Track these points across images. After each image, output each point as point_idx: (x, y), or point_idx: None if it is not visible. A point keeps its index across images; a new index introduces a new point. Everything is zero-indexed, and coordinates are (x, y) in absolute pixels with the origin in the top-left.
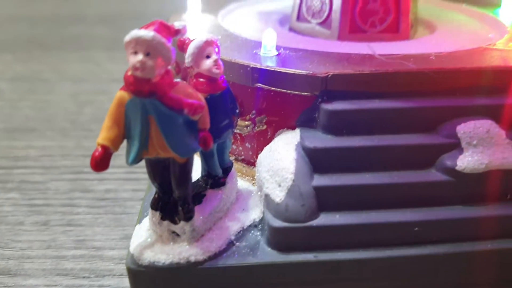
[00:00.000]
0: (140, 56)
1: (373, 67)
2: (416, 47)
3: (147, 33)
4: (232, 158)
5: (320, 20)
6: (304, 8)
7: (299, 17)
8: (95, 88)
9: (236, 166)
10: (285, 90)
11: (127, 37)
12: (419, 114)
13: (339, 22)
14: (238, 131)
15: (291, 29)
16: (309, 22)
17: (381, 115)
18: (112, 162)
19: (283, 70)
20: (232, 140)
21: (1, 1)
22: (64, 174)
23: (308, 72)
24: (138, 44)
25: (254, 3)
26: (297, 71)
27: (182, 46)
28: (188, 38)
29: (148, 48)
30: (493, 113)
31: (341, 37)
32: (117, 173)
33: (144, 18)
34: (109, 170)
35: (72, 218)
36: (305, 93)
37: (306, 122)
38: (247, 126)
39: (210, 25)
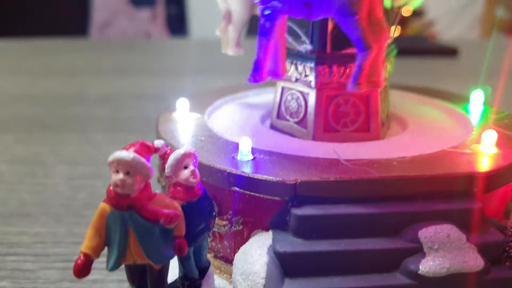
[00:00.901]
0: (120, 175)
1: (338, 175)
2: (384, 150)
3: (128, 155)
4: (211, 255)
5: (297, 120)
6: (283, 108)
7: (278, 116)
8: (90, 171)
9: (215, 263)
10: (258, 194)
11: (110, 158)
12: (383, 220)
13: (314, 123)
14: (216, 229)
15: (272, 126)
16: (287, 120)
17: (347, 221)
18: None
19: (256, 176)
20: (211, 239)
21: (4, 81)
22: (55, 263)
23: (278, 179)
24: (120, 164)
25: (240, 97)
26: (269, 178)
27: (164, 156)
28: (170, 149)
29: (128, 168)
30: (454, 217)
31: (316, 136)
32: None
33: (143, 99)
34: (98, 259)
35: None
36: (276, 198)
37: (278, 224)
38: (224, 226)
39: (196, 124)
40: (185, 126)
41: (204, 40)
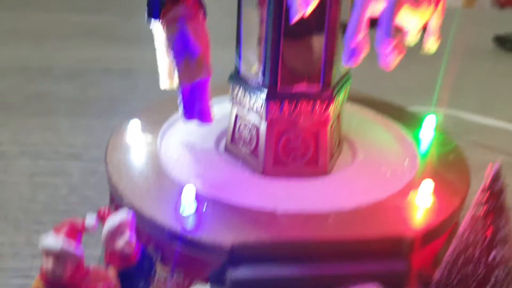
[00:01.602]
0: (50, 264)
1: (273, 233)
2: (328, 191)
3: (55, 245)
4: None
5: (249, 149)
6: (236, 135)
7: (233, 140)
8: (51, 166)
9: None
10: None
11: (40, 245)
12: (314, 282)
13: (264, 155)
14: (158, 276)
15: (226, 149)
16: (240, 148)
17: (279, 283)
18: None
19: (194, 238)
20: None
21: None
22: (12, 279)
23: (215, 242)
24: (49, 252)
25: None
26: (207, 240)
27: (103, 218)
28: (108, 209)
29: (57, 255)
30: (383, 278)
31: (266, 169)
32: None
33: (111, 72)
34: None
35: None
36: (213, 259)
37: (217, 280)
38: (166, 275)
39: (146, 153)
40: (134, 157)
41: None
